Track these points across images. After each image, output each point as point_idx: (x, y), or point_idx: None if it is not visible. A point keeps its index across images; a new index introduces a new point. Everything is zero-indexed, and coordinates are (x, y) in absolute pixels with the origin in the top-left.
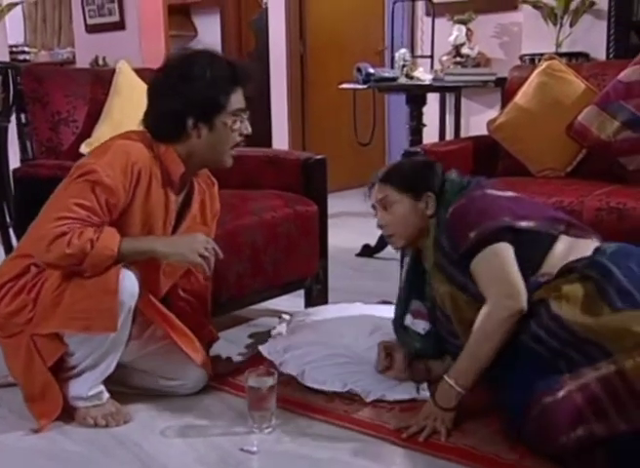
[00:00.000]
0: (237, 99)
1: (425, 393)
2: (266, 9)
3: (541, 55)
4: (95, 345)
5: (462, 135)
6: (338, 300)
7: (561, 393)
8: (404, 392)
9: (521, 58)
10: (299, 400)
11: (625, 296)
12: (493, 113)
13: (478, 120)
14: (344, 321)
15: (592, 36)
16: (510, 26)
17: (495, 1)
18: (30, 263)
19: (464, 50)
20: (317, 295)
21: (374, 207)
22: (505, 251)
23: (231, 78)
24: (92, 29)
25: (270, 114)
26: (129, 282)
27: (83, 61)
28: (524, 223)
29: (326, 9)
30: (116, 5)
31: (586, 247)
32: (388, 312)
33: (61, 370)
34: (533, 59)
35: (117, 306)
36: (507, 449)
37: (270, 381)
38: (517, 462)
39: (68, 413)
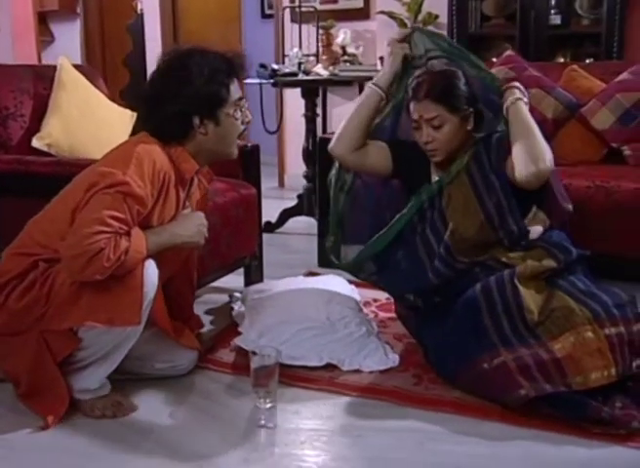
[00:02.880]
0: (236, 89)
1: (395, 356)
2: (142, 14)
3: None
4: (111, 338)
5: (327, 124)
6: (271, 275)
7: (497, 361)
8: (376, 362)
9: (380, 58)
10: (284, 372)
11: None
12: (352, 105)
13: (341, 110)
14: (299, 294)
15: None
16: (364, 33)
17: (351, 11)
18: (38, 259)
19: (350, 49)
20: (254, 272)
21: (417, 122)
22: None
23: (227, 70)
24: None
25: None
26: (151, 273)
27: None
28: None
29: (195, 15)
30: None
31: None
32: (332, 282)
33: (64, 364)
34: None
35: (142, 299)
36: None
37: (274, 358)
38: (502, 410)
39: (71, 407)
